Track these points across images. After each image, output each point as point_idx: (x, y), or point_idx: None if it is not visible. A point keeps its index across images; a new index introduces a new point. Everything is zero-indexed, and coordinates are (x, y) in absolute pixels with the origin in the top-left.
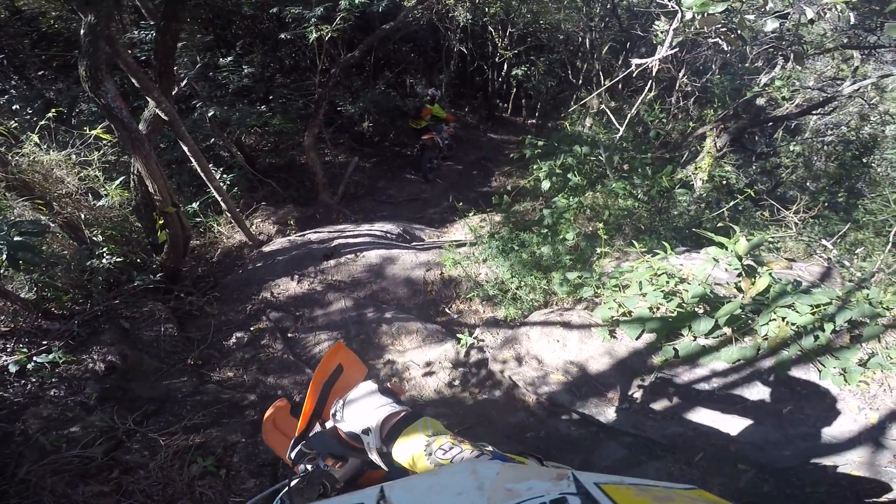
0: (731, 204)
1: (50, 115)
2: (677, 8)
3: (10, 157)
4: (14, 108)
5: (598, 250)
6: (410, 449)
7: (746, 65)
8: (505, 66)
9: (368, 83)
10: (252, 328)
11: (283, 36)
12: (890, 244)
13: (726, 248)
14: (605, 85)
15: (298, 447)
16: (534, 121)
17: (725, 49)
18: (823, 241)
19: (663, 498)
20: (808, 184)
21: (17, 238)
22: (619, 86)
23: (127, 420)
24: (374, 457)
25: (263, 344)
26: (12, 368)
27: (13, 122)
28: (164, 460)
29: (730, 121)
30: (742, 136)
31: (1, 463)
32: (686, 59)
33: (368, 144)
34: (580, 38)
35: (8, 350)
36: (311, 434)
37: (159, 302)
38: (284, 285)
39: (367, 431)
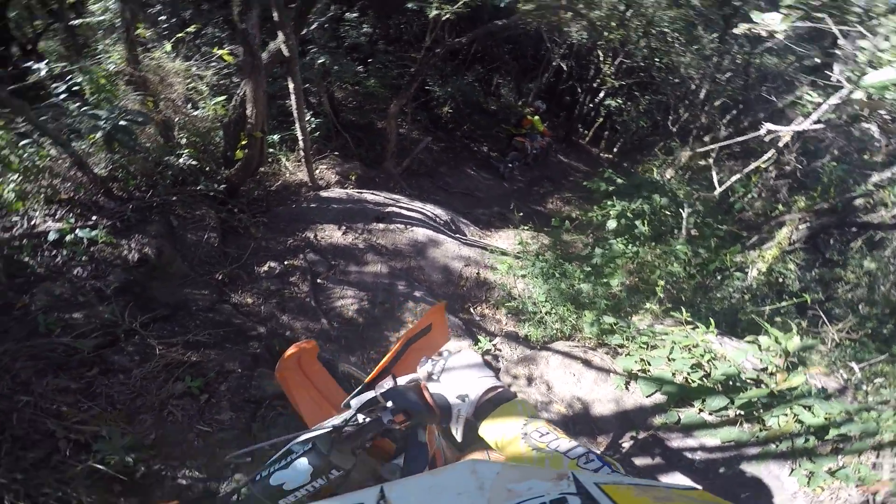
0: (780, 305)
1: (190, 29)
2: (842, 82)
3: (141, 58)
4: (159, 18)
5: (647, 305)
6: (502, 430)
7: (866, 157)
8: (601, 94)
9: (459, 71)
10: (286, 262)
11: (409, 5)
12: None
13: (778, 342)
14: (705, 140)
15: (372, 394)
16: (609, 156)
17: (877, 137)
18: (853, 364)
19: (663, 498)
20: (860, 306)
21: (121, 122)
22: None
23: (135, 319)
24: (457, 426)
25: (291, 281)
26: (52, 236)
27: (151, 30)
28: (151, 369)
29: (820, 216)
30: (820, 234)
31: None
32: (807, 136)
33: (442, 129)
34: (694, 87)
35: (56, 217)
36: (387, 384)
37: (212, 210)
38: (330, 232)
39: (463, 398)
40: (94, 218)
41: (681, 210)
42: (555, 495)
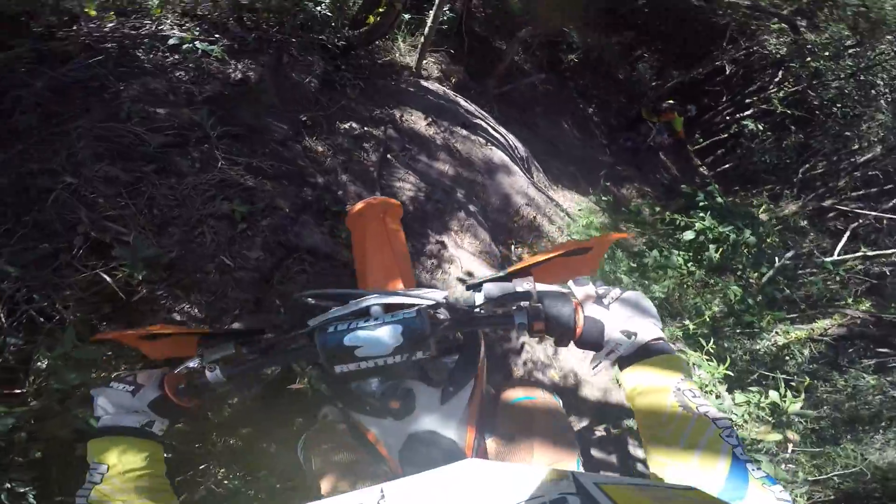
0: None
1: None
2: None
3: None
4: None
5: (685, 323)
6: (654, 378)
7: None
8: (748, 112)
9: (606, 28)
10: (366, 128)
11: None
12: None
13: (784, 400)
14: (824, 204)
15: (513, 287)
16: (711, 173)
17: None
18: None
19: (663, 498)
20: (826, 407)
21: None
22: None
23: (215, 128)
24: (603, 360)
25: (364, 147)
26: (172, 41)
27: None
28: (205, 180)
29: (869, 325)
30: (851, 339)
31: (61, 111)
32: None
33: (556, 73)
34: (858, 147)
35: (183, 28)
36: (527, 284)
37: (322, 61)
38: (416, 118)
39: (629, 335)
40: (216, 36)
41: (776, 258)
42: (555, 495)
